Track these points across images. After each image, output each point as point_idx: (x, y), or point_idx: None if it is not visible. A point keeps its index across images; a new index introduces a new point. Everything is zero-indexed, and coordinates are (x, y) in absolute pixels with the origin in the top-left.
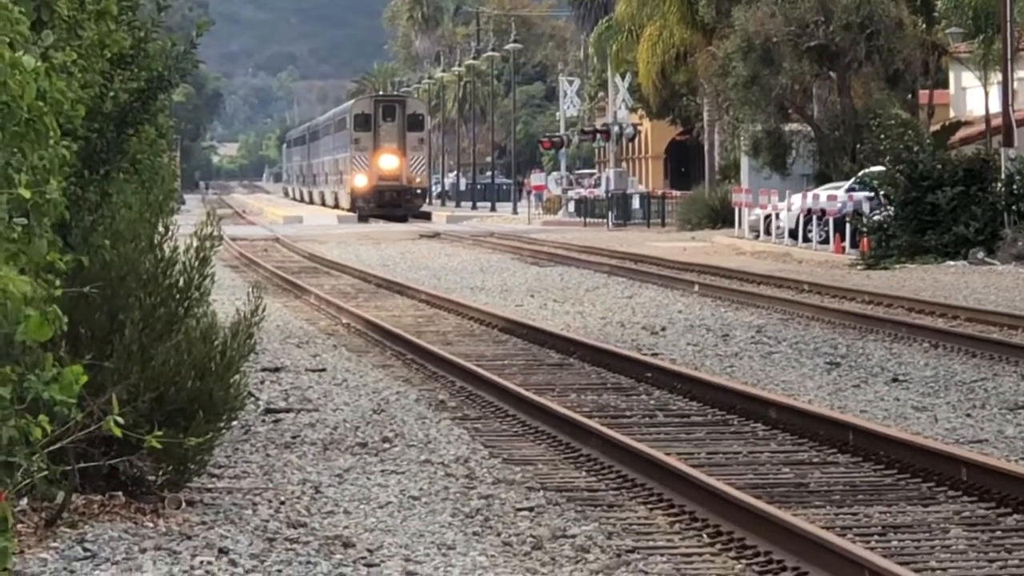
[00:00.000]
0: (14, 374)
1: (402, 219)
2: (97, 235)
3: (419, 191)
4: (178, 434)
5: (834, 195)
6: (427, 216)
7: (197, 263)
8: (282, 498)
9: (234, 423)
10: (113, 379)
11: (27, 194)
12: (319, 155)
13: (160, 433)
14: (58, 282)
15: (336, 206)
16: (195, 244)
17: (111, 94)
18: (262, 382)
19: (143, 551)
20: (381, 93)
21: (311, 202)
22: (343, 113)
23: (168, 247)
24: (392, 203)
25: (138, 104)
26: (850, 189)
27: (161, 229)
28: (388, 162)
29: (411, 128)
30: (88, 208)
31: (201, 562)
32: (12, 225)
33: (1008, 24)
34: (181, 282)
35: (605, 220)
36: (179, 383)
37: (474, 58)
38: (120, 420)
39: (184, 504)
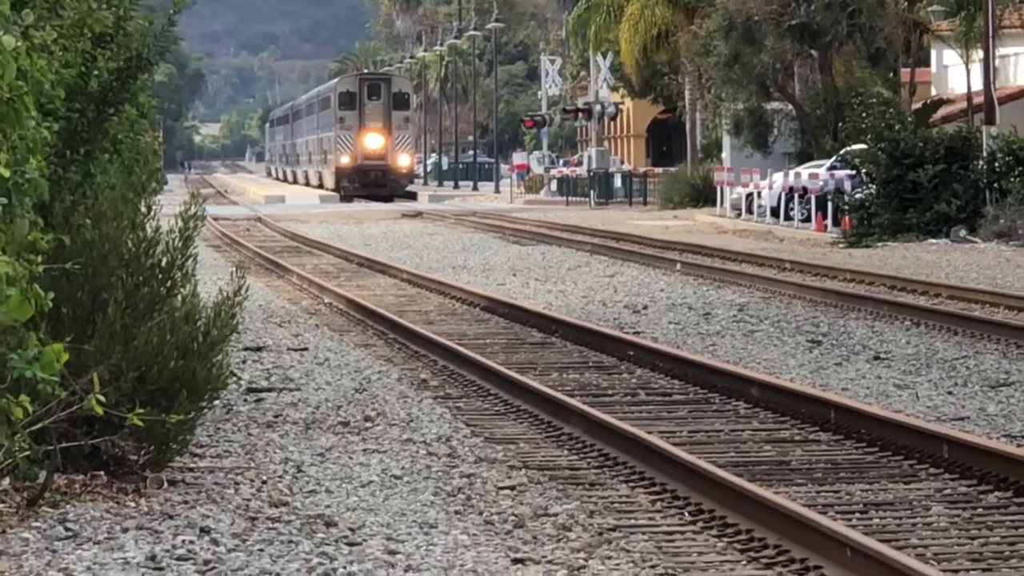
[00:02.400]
0: None
1: (387, 199)
2: (79, 215)
3: (404, 171)
4: (160, 413)
5: (816, 173)
6: (413, 196)
7: (180, 243)
8: (264, 477)
9: (216, 402)
10: (95, 359)
11: (7, 173)
12: (303, 134)
13: (142, 411)
14: (39, 259)
15: (320, 186)
16: (178, 224)
17: (95, 73)
18: (244, 361)
19: (125, 531)
20: (366, 71)
21: (294, 182)
22: (327, 91)
23: (151, 227)
24: (377, 183)
25: (118, 84)
26: (832, 167)
27: (144, 209)
28: (373, 141)
29: (396, 107)
30: (69, 188)
31: (183, 541)
32: None
33: (990, 2)
34: (164, 262)
35: (587, 199)
36: (161, 363)
37: (456, 38)
38: (102, 399)
39: (166, 483)
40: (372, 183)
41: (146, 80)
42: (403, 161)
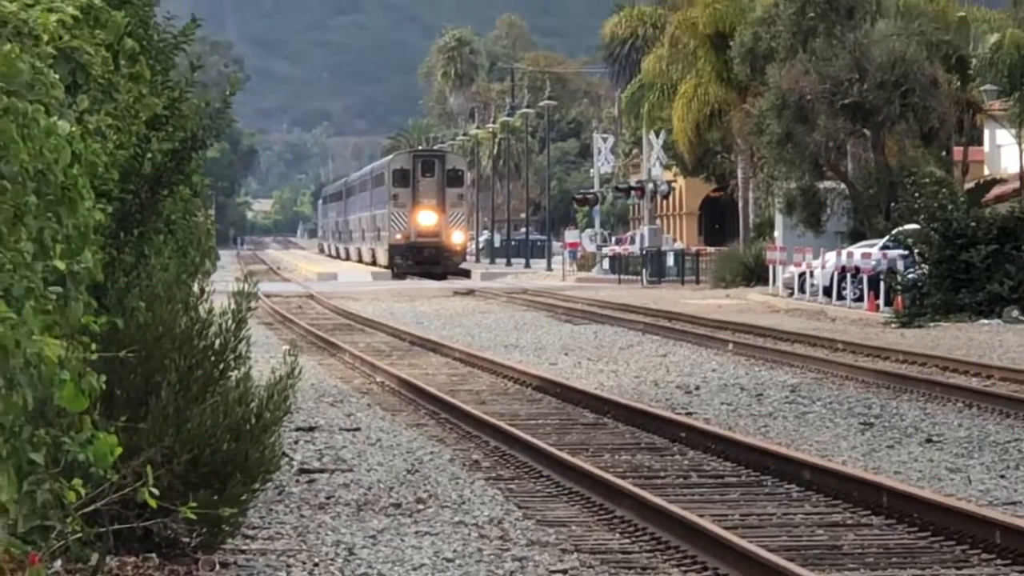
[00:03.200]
0: (48, 437)
1: (441, 276)
2: (132, 296)
3: (459, 248)
4: (213, 495)
5: (868, 253)
6: (466, 273)
7: (233, 325)
8: (316, 560)
9: (269, 484)
10: (148, 441)
11: (62, 266)
12: (356, 211)
13: (195, 504)
14: (94, 346)
15: (373, 263)
16: (231, 305)
17: (148, 156)
18: (296, 441)
19: None
20: (420, 148)
21: (347, 258)
22: (381, 168)
23: (204, 308)
24: (431, 260)
25: (173, 164)
26: (884, 247)
27: (197, 290)
28: (427, 218)
29: (450, 184)
30: (123, 269)
31: None
32: (47, 294)
33: None
34: (217, 344)
35: (639, 277)
36: (214, 445)
37: (508, 115)
38: (155, 492)
39: (218, 566)
40: (426, 260)
41: (200, 159)
42: (457, 238)
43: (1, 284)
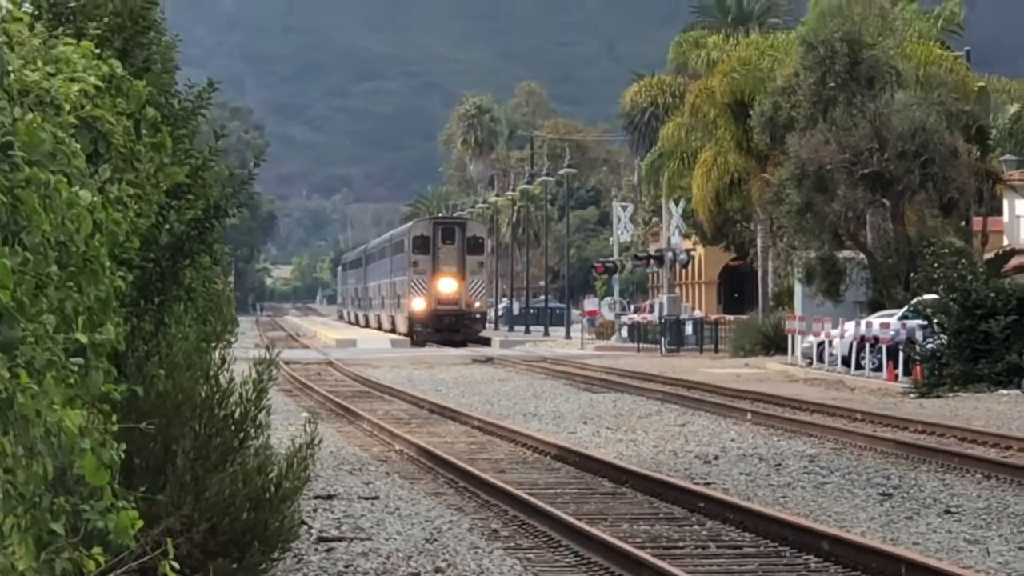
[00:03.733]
0: (68, 505)
1: (461, 344)
2: (152, 365)
3: (479, 315)
4: (232, 564)
5: (887, 323)
6: (486, 341)
7: (254, 394)
8: None
9: (287, 553)
10: (167, 510)
11: (85, 339)
12: (375, 277)
13: (214, 563)
14: (114, 417)
15: (393, 330)
16: (251, 375)
17: (167, 226)
18: (315, 509)
19: None
20: (440, 215)
21: (366, 325)
22: (401, 235)
23: (224, 377)
24: (451, 328)
25: (194, 233)
26: (903, 317)
27: (217, 358)
28: (447, 286)
29: (471, 251)
30: (143, 337)
31: None
32: (69, 365)
33: None
34: (237, 413)
35: (658, 345)
36: (233, 514)
37: (528, 182)
38: (175, 565)
39: None
40: (446, 328)
41: (222, 228)
42: (477, 306)
43: (23, 356)
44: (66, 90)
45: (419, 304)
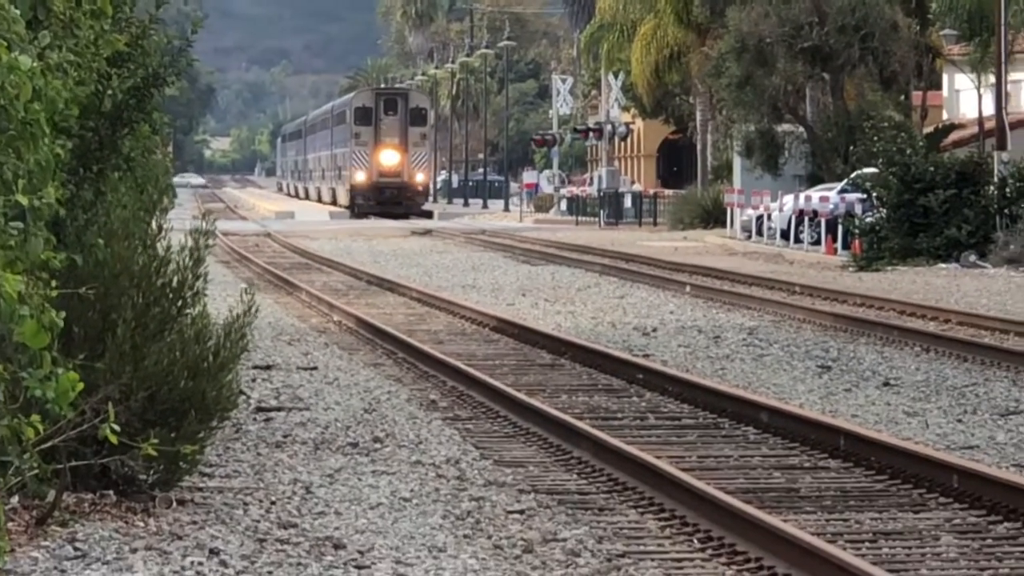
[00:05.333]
0: (7, 372)
1: (403, 216)
2: (91, 234)
3: (421, 188)
4: (170, 433)
5: (826, 196)
6: (429, 215)
7: (191, 263)
8: (273, 498)
9: (226, 422)
10: (106, 378)
11: (25, 202)
12: (316, 149)
13: (156, 441)
14: (53, 283)
15: (334, 202)
16: (189, 243)
17: (109, 92)
18: (253, 380)
19: (134, 551)
20: (383, 86)
21: (306, 198)
22: (343, 106)
23: (162, 246)
24: (393, 200)
25: (134, 102)
26: (842, 191)
27: (155, 227)
28: (389, 158)
29: (413, 123)
30: (82, 206)
31: (192, 563)
32: (8, 229)
33: (1003, 27)
34: (175, 281)
35: (597, 219)
36: (172, 383)
37: (467, 55)
38: (116, 428)
39: (175, 503)
40: (387, 201)
41: (160, 97)
42: (419, 178)
43: None
44: None
45: (360, 176)
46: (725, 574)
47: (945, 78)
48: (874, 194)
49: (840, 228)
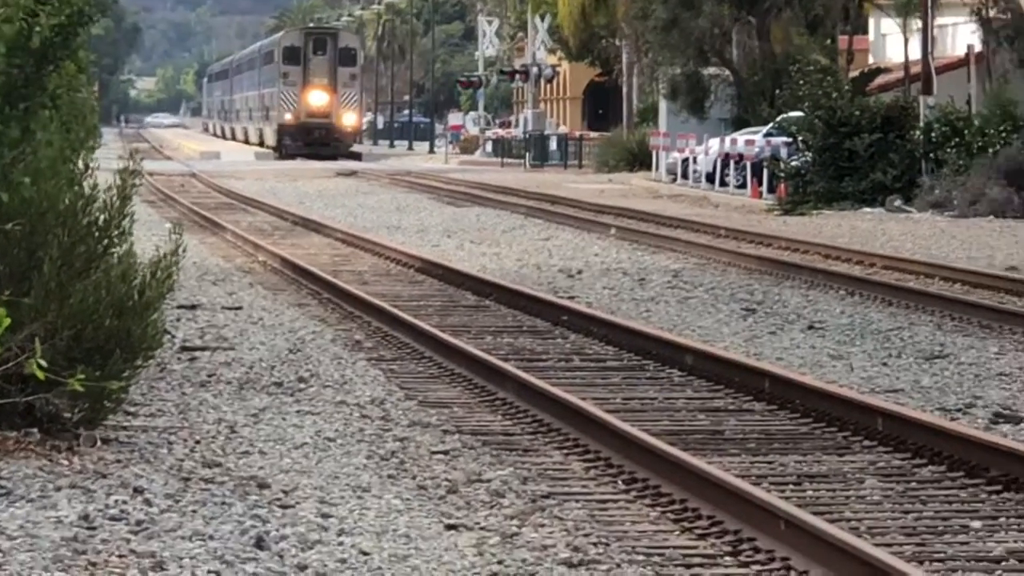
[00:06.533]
0: None
1: (331, 158)
2: (17, 172)
3: (350, 129)
4: (95, 371)
5: (752, 140)
6: (358, 156)
7: (118, 202)
8: (197, 437)
9: (151, 361)
10: (31, 316)
11: None
12: (243, 89)
13: (83, 376)
14: None
15: (261, 143)
16: (116, 182)
17: (36, 29)
18: (178, 319)
19: (58, 489)
20: (312, 26)
21: (232, 138)
22: (270, 46)
23: (88, 184)
24: (321, 141)
25: (59, 39)
26: (768, 134)
27: (81, 166)
28: (318, 98)
29: (343, 63)
30: (8, 144)
31: (116, 501)
32: None
33: None
34: (101, 220)
35: (522, 161)
36: (97, 321)
37: None
38: (43, 364)
39: (99, 442)
40: (316, 142)
41: (85, 35)
42: (349, 120)
43: None
44: None
45: (288, 116)
46: (650, 515)
47: (871, 22)
48: (800, 138)
49: (765, 172)
